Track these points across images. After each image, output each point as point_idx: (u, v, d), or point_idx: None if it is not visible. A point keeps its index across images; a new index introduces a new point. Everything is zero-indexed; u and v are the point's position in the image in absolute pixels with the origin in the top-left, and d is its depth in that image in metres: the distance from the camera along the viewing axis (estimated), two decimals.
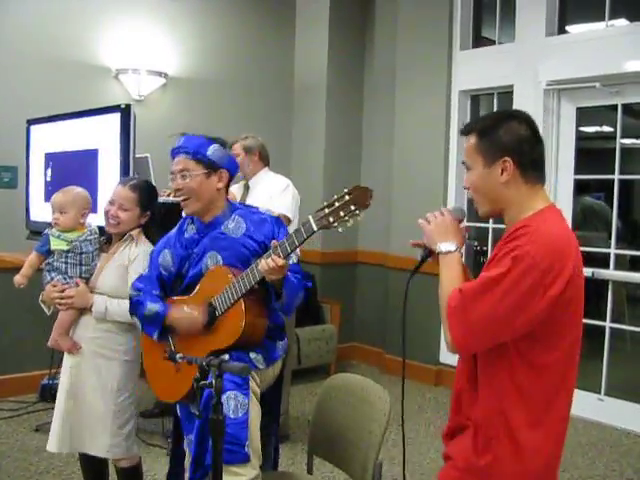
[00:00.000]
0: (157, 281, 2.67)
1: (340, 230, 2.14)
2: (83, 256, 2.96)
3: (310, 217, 2.18)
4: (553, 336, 1.75)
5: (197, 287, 2.57)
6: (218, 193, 2.57)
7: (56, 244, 2.96)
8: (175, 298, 2.63)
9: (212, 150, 2.54)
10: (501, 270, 1.68)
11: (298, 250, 2.55)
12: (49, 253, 2.97)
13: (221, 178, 2.56)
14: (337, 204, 2.11)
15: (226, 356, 1.92)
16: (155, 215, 3.01)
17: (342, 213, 2.10)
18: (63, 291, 2.89)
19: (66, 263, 2.94)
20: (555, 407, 1.79)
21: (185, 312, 2.52)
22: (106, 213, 2.93)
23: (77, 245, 2.95)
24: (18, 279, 3.00)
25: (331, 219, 2.12)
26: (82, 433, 2.89)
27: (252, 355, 2.48)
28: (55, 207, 3.00)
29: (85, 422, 2.88)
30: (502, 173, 1.81)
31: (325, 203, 2.14)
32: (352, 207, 2.10)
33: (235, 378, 2.22)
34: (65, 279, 2.93)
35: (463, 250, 1.96)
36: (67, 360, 2.98)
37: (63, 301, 2.89)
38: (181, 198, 2.55)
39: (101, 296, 2.88)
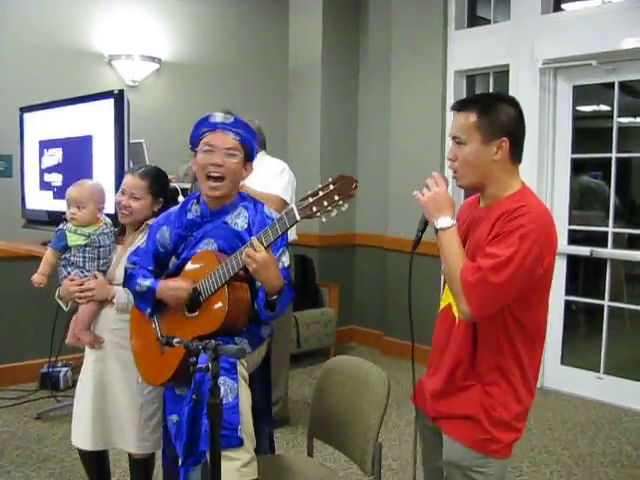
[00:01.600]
0: (152, 256, 2.65)
1: (324, 220, 2.14)
2: (101, 250, 2.91)
3: (293, 206, 2.16)
4: (540, 296, 2.03)
5: (183, 270, 2.55)
6: (240, 184, 2.60)
7: (74, 239, 2.88)
8: (162, 279, 2.60)
9: (255, 140, 2.59)
10: (513, 248, 1.88)
11: (287, 255, 2.55)
12: (66, 249, 2.90)
13: (247, 170, 2.57)
14: (321, 193, 2.10)
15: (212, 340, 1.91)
16: (169, 201, 2.95)
17: (326, 203, 2.09)
18: (81, 284, 2.83)
19: (84, 257, 2.88)
20: (536, 355, 2.09)
21: (170, 284, 2.51)
22: (118, 204, 2.87)
23: (95, 239, 2.89)
24: (37, 278, 2.91)
25: (314, 209, 2.11)
26: (113, 429, 2.84)
27: (237, 339, 2.46)
28: (72, 202, 2.92)
29: (114, 417, 2.83)
30: (497, 152, 1.98)
31: (309, 192, 2.13)
32: (336, 197, 2.08)
33: (223, 363, 2.20)
34: (82, 272, 2.87)
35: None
36: (89, 355, 2.91)
37: (84, 294, 2.82)
38: (215, 176, 2.47)
39: (122, 287, 2.81)
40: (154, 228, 2.69)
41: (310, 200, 2.12)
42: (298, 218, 2.16)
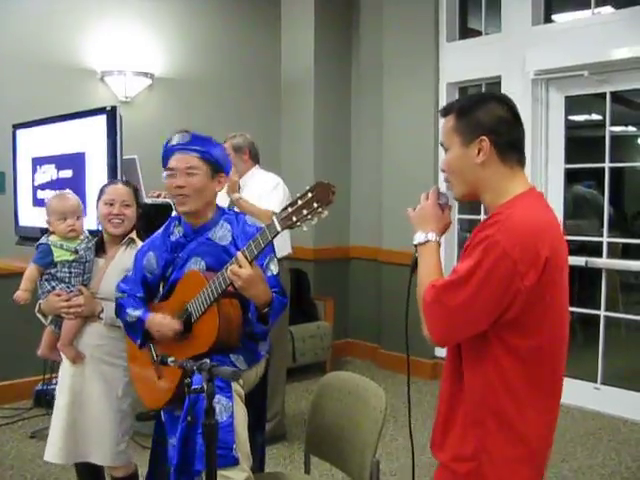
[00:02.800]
0: (141, 283, 2.65)
1: (305, 229, 2.12)
2: (87, 264, 2.89)
3: (274, 217, 2.15)
4: (532, 322, 1.71)
5: (173, 293, 2.55)
6: (214, 197, 2.56)
7: (60, 255, 2.84)
8: (155, 304, 2.61)
9: (219, 153, 2.55)
10: (473, 262, 1.66)
11: (275, 263, 2.55)
12: (51, 264, 2.85)
13: (220, 182, 2.55)
14: (300, 202, 2.08)
15: (207, 360, 1.89)
16: (142, 213, 2.98)
17: (305, 211, 2.07)
18: (69, 300, 2.80)
19: (70, 273, 2.85)
20: (543, 392, 1.76)
21: (159, 319, 2.50)
22: (106, 215, 2.85)
23: (82, 254, 2.87)
24: (21, 295, 2.86)
25: (294, 218, 2.09)
26: (88, 443, 2.82)
27: (232, 357, 2.45)
28: (69, 213, 2.89)
29: (91, 432, 2.82)
30: (479, 153, 1.77)
31: (289, 202, 2.12)
32: (315, 205, 2.06)
33: (217, 381, 2.19)
34: (68, 287, 2.85)
35: (440, 239, 1.90)
36: (67, 369, 2.89)
37: (72, 310, 2.79)
38: (180, 197, 2.49)
39: (111, 303, 2.79)
40: (140, 254, 2.68)
41: (289, 210, 2.10)
42: (279, 229, 2.14)
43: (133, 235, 2.88)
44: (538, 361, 1.73)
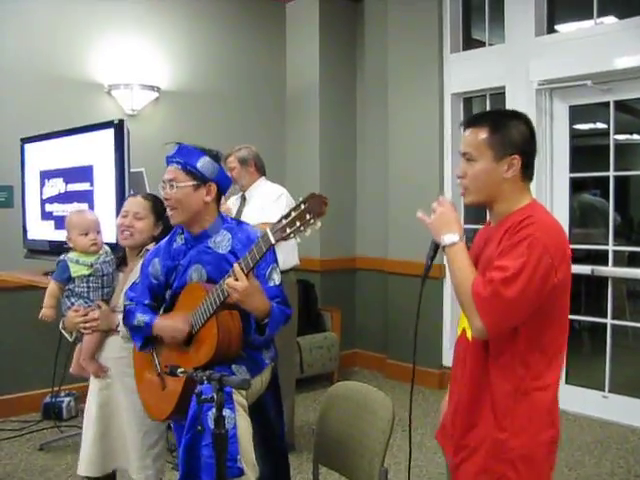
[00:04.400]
0: (148, 290, 2.67)
1: (298, 240, 2.14)
2: (105, 278, 2.91)
3: (268, 230, 2.18)
4: (555, 315, 1.92)
5: (175, 304, 2.58)
6: (205, 206, 2.54)
7: (76, 270, 2.88)
8: (159, 315, 2.64)
9: (202, 162, 2.52)
10: (522, 259, 1.81)
11: (278, 272, 2.56)
12: (69, 280, 2.90)
13: (209, 191, 2.54)
14: (293, 214, 2.10)
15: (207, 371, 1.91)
16: (167, 229, 2.94)
17: (298, 223, 2.09)
18: (86, 315, 2.84)
19: (88, 287, 2.88)
20: (554, 380, 1.96)
21: (169, 322, 2.53)
22: (119, 226, 2.88)
23: (98, 267, 2.90)
24: (46, 312, 2.94)
25: (288, 230, 2.11)
26: (115, 449, 2.84)
27: (234, 367, 2.46)
28: (90, 228, 2.94)
29: (118, 439, 2.83)
30: (508, 169, 1.93)
31: (282, 214, 2.14)
32: (307, 216, 2.07)
33: None
34: (86, 302, 2.88)
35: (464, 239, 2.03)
36: (95, 384, 2.91)
37: (88, 324, 2.83)
38: (168, 208, 2.54)
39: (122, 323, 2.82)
40: (146, 262, 2.71)
41: (283, 222, 2.12)
42: (273, 241, 2.16)
43: (150, 247, 2.87)
44: (554, 350, 1.94)
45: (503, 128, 1.94)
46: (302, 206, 2.09)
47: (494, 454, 1.92)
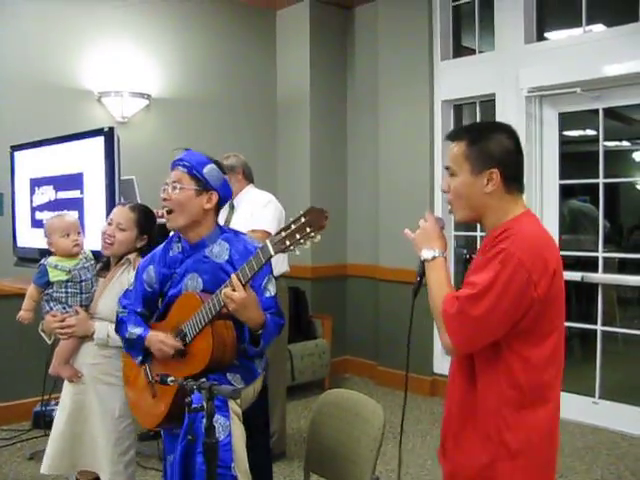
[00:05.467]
0: (141, 298, 2.66)
1: (297, 253, 2.15)
2: (83, 284, 2.92)
3: (267, 241, 2.19)
4: (543, 331, 1.84)
5: (168, 314, 2.57)
6: (204, 213, 2.54)
7: (55, 275, 2.90)
8: (152, 323, 2.63)
9: (208, 169, 2.53)
10: (492, 274, 1.77)
11: (273, 283, 2.56)
12: (48, 284, 2.91)
13: (210, 199, 2.53)
14: (293, 227, 2.11)
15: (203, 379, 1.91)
16: (152, 242, 2.96)
17: (298, 236, 2.10)
18: (63, 320, 2.85)
19: (66, 293, 2.89)
20: (550, 399, 1.88)
21: (161, 337, 2.51)
22: (102, 234, 2.90)
23: (76, 274, 2.91)
24: (23, 315, 2.95)
25: (287, 242, 2.12)
26: (86, 458, 2.86)
27: (229, 376, 2.46)
28: (71, 229, 2.96)
29: (88, 449, 2.85)
30: (487, 183, 1.88)
31: (282, 226, 2.15)
32: (308, 229, 2.09)
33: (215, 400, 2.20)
34: (64, 308, 2.89)
35: (447, 254, 2.02)
36: (68, 388, 2.94)
37: (64, 330, 2.85)
38: (166, 210, 2.53)
39: (102, 322, 2.85)
40: (140, 269, 2.70)
41: (283, 234, 2.13)
42: (272, 253, 2.17)
43: (131, 257, 2.89)
44: (546, 368, 1.85)
45: (481, 141, 1.90)
46: (302, 219, 2.10)
47: None
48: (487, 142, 1.90)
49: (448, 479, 2.01)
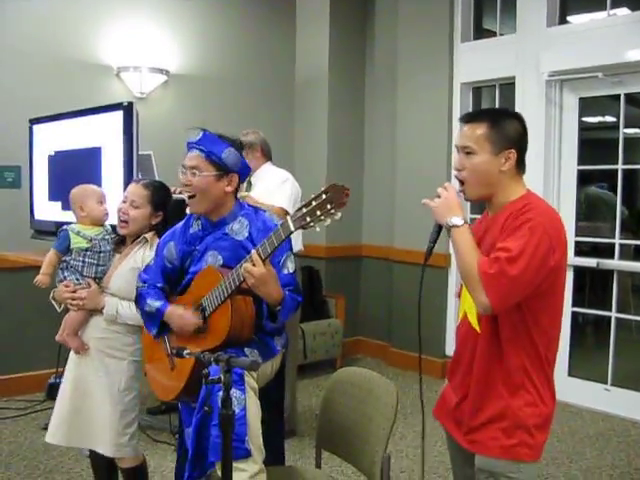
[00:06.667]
0: (161, 273, 2.68)
1: (317, 229, 2.17)
2: (101, 255, 2.94)
3: (288, 217, 2.20)
4: (554, 291, 2.07)
5: (190, 287, 2.59)
6: (225, 196, 2.55)
7: (77, 241, 2.92)
8: (173, 298, 2.65)
9: (227, 153, 2.52)
10: (524, 240, 1.95)
11: (292, 260, 2.57)
12: (68, 250, 2.93)
13: (231, 182, 2.55)
14: (314, 203, 2.12)
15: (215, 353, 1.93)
16: (167, 218, 2.97)
17: (319, 212, 2.11)
18: (75, 291, 2.87)
19: (83, 262, 2.91)
20: (553, 354, 2.15)
21: (180, 312, 2.54)
22: (118, 211, 2.91)
23: (97, 244, 2.93)
24: (41, 279, 2.97)
25: (308, 219, 2.13)
26: (89, 430, 2.87)
27: (247, 350, 2.47)
28: (104, 199, 3.03)
29: (92, 420, 2.87)
30: (505, 162, 2.09)
31: (303, 202, 2.16)
32: (328, 206, 2.10)
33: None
34: (78, 279, 2.91)
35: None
36: (74, 359, 2.96)
37: (75, 302, 2.86)
38: (187, 195, 2.55)
39: (113, 298, 2.86)
40: (161, 245, 2.72)
41: (304, 210, 2.14)
42: (292, 229, 2.18)
43: (148, 235, 2.90)
44: (552, 326, 2.10)
45: (501, 124, 2.10)
46: (323, 195, 2.11)
47: (511, 423, 2.05)
48: (506, 125, 2.10)
49: (467, 444, 2.15)
